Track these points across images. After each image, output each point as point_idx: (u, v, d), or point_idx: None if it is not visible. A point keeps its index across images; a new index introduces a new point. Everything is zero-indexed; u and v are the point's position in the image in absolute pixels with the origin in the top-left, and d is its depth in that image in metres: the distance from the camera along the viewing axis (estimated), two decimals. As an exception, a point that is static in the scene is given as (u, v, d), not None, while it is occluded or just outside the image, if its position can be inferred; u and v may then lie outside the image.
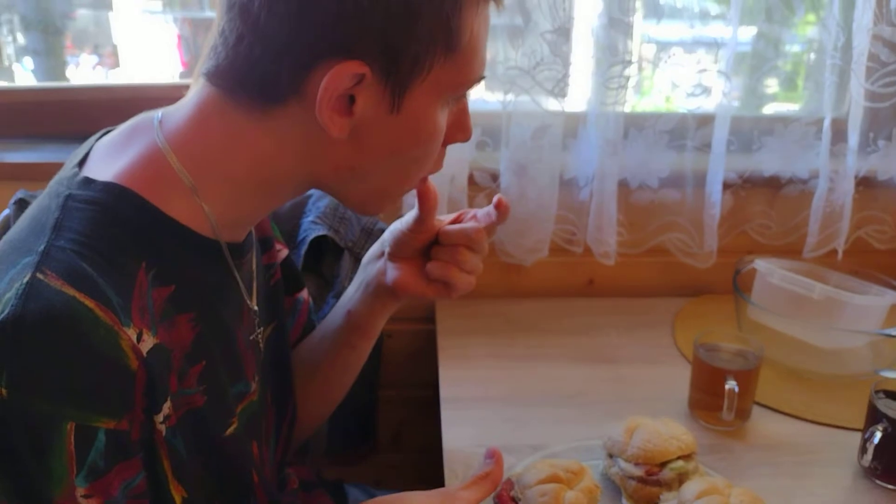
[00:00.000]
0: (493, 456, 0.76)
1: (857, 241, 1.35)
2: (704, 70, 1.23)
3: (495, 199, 0.80)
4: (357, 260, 1.16)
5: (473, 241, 0.80)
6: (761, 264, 1.18)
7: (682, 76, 1.25)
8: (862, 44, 1.20)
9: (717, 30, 1.23)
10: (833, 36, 1.20)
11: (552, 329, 1.25)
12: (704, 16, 1.24)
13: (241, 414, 0.71)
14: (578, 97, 1.24)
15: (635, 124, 1.26)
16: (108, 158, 0.65)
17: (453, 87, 0.65)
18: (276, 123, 0.62)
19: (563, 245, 1.32)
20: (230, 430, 0.68)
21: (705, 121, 1.27)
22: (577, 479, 0.82)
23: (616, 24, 1.15)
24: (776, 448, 0.98)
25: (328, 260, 1.16)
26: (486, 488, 0.74)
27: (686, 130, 1.27)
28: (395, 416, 1.43)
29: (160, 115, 0.66)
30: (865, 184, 1.31)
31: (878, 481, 0.92)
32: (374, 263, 0.87)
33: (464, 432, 0.99)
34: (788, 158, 1.29)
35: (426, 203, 0.79)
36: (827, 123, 1.25)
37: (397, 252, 0.83)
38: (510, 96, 1.20)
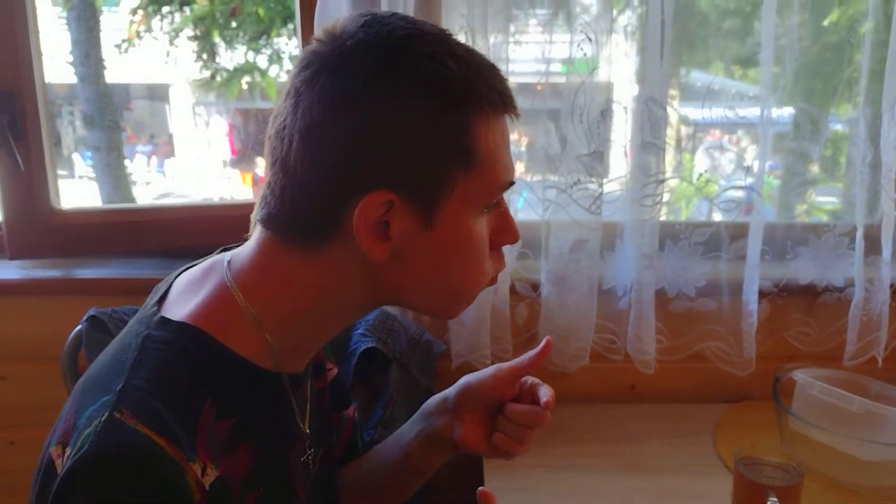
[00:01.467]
0: (485, 499, 0.72)
1: (896, 348, 1.36)
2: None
3: (543, 342, 0.85)
4: (404, 370, 1.21)
5: (539, 423, 0.84)
6: (800, 376, 1.20)
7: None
8: (891, 159, 1.24)
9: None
10: (861, 152, 1.25)
11: (591, 438, 1.27)
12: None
13: None
14: (615, 209, 1.29)
15: (671, 235, 1.31)
16: (185, 298, 0.72)
17: (482, 197, 0.70)
18: (325, 258, 0.69)
19: (603, 353, 1.35)
20: None
21: (739, 231, 1.31)
22: None
23: (648, 146, 1.22)
24: (822, 566, 0.98)
25: (377, 370, 1.21)
26: None
27: (720, 241, 1.31)
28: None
29: (230, 256, 0.73)
30: (903, 292, 1.33)
31: None
32: (439, 417, 0.87)
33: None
34: (823, 267, 1.33)
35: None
36: (860, 234, 1.28)
37: (465, 405, 0.87)
38: (549, 212, 1.26)
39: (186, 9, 2.23)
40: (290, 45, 2.24)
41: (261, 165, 2.11)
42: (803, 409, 1.18)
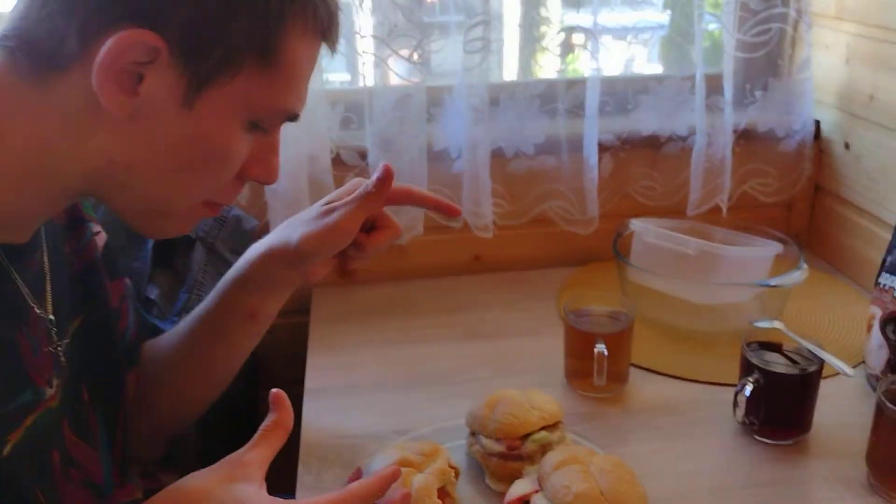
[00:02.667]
0: (276, 401, 0.66)
1: (742, 196, 1.32)
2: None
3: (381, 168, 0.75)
4: (210, 250, 1.08)
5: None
6: (637, 224, 1.14)
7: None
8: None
9: None
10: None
11: (432, 309, 1.19)
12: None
13: (32, 426, 0.63)
14: (441, 60, 1.18)
15: (504, 89, 1.21)
16: None
17: (259, 109, 0.60)
18: (52, 96, 0.56)
19: (441, 221, 1.26)
20: (5, 450, 0.60)
21: (576, 82, 1.22)
22: (429, 460, 0.76)
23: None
24: (654, 411, 0.94)
25: (180, 252, 1.07)
26: (274, 440, 0.64)
27: (557, 94, 1.22)
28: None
29: None
30: (746, 137, 1.29)
31: (756, 437, 0.88)
32: (286, 270, 0.79)
33: (324, 424, 0.92)
34: (666, 116, 1.26)
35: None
36: (699, 77, 1.21)
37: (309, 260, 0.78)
38: (368, 67, 1.14)
39: None
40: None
41: None
42: (642, 259, 1.12)
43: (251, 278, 0.81)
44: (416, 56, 1.13)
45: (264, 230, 1.19)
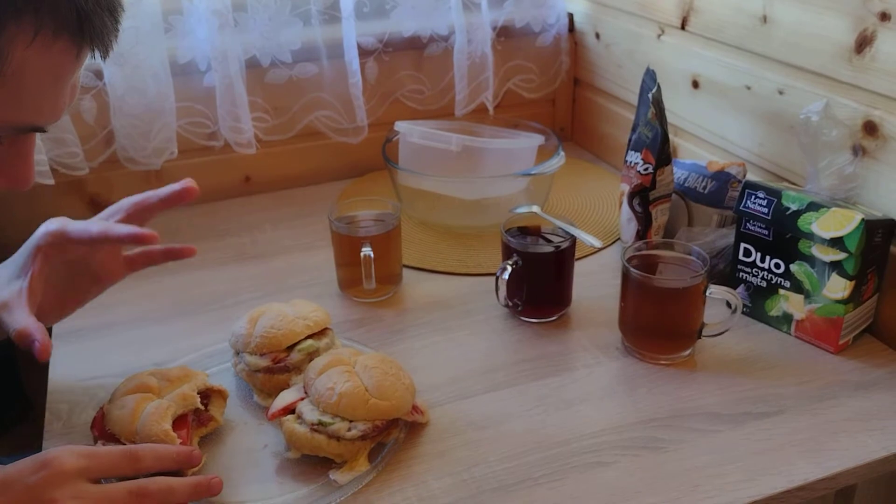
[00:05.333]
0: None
1: (507, 94, 1.34)
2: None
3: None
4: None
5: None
6: (402, 126, 1.12)
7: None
8: None
9: None
10: None
11: (198, 236, 1.11)
12: None
13: None
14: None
15: (248, -8, 1.13)
16: None
17: None
18: None
19: (200, 141, 1.17)
20: None
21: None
22: (173, 386, 0.71)
23: None
24: (427, 308, 0.94)
25: None
26: None
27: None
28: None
29: None
30: (505, 34, 1.29)
31: (522, 318, 0.90)
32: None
33: (75, 368, 0.84)
34: (425, 16, 1.23)
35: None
36: (451, -27, 1.20)
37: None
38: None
39: None
40: None
41: None
42: (409, 161, 1.11)
43: None
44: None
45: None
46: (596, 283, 0.97)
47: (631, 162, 0.98)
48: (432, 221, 1.11)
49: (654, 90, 0.94)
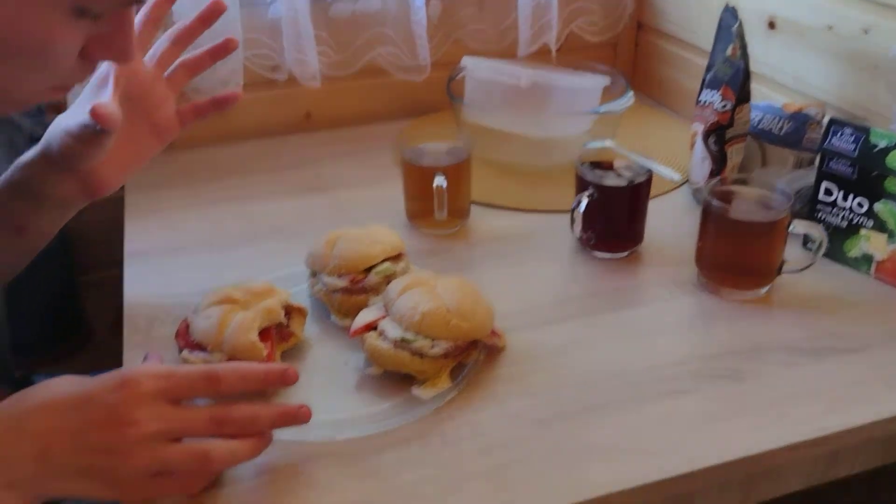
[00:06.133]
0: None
1: (570, 37, 1.32)
2: None
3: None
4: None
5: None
6: (469, 61, 1.11)
7: None
8: None
9: None
10: None
11: (261, 168, 1.12)
12: None
13: None
14: None
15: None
16: None
17: None
18: None
19: (264, 73, 1.17)
20: None
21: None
22: (257, 299, 0.71)
23: None
24: (496, 241, 0.93)
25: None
26: None
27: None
28: (111, 300, 1.24)
29: None
30: (570, -25, 1.27)
31: (594, 252, 0.90)
32: (57, 177, 0.70)
33: (148, 286, 0.85)
34: (490, -47, 1.21)
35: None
36: None
37: None
38: None
39: None
40: None
41: None
42: (475, 97, 1.10)
43: (22, 183, 0.71)
44: None
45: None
46: (666, 222, 0.95)
47: (705, 101, 0.96)
48: (495, 158, 1.10)
49: (735, 25, 0.92)
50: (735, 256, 0.82)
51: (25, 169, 0.70)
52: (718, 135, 0.93)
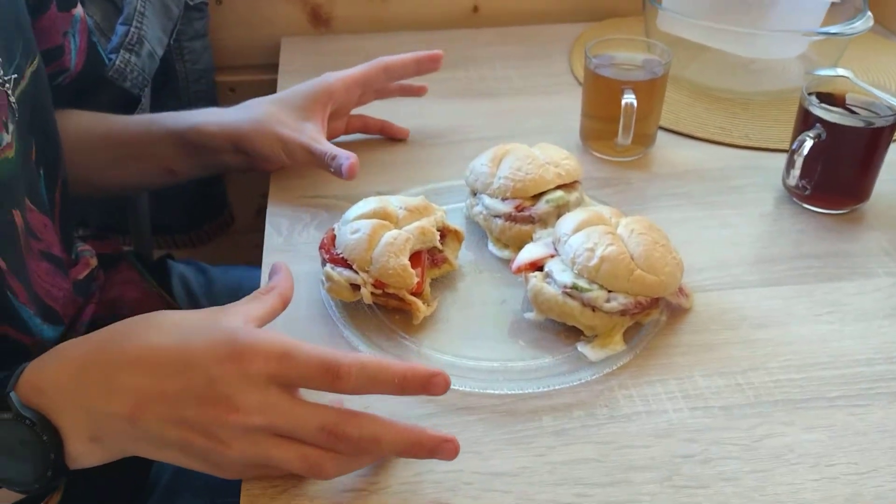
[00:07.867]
0: (280, 272, 0.55)
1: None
2: None
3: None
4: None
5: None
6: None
7: None
8: None
9: None
10: None
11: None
12: None
13: None
14: None
15: None
16: None
17: None
18: None
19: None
20: None
21: None
22: (413, 217, 0.62)
23: None
24: (685, 176, 0.80)
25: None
26: (268, 299, 0.51)
27: None
28: (257, 186, 1.20)
29: None
30: None
31: (805, 205, 0.74)
32: (236, 156, 0.75)
33: (295, 184, 0.78)
34: None
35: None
36: None
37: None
38: None
39: None
40: None
41: None
42: (676, 2, 0.93)
43: (191, 142, 0.74)
44: None
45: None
46: (898, 177, 0.78)
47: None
48: (689, 79, 0.94)
49: None
50: None
51: (203, 132, 0.73)
52: None
